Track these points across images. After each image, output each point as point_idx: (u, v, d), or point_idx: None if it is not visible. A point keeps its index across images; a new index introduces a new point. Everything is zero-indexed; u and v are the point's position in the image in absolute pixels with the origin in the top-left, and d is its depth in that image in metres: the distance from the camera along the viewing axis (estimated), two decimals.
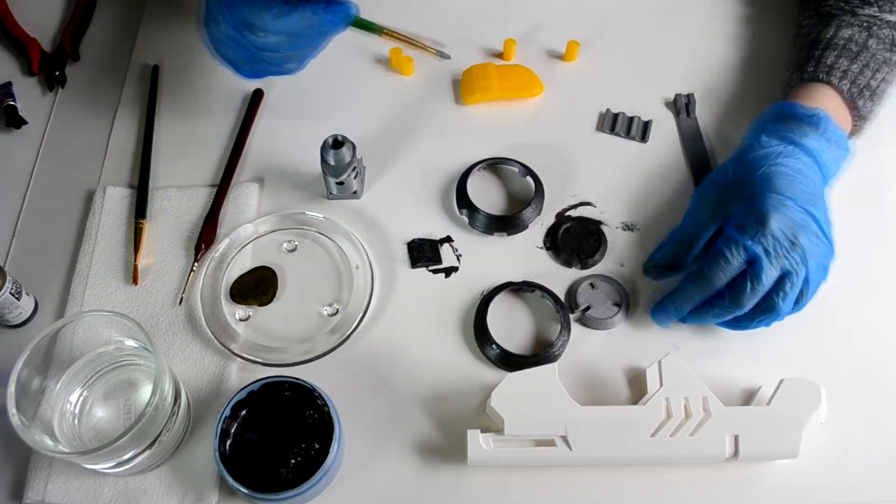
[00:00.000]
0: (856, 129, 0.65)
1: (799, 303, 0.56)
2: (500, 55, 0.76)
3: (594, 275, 0.64)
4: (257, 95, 0.72)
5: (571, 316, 0.62)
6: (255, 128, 0.72)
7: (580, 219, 0.66)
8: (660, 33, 0.77)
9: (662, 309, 0.60)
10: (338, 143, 0.63)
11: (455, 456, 0.56)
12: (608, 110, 0.72)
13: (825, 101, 0.62)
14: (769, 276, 0.54)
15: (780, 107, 0.62)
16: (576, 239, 0.65)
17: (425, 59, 0.72)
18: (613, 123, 0.71)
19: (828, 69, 0.63)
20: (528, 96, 0.73)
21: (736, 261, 0.55)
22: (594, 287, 0.63)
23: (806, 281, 0.55)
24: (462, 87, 0.73)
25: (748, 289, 0.55)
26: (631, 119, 0.71)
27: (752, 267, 0.55)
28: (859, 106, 0.63)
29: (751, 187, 0.58)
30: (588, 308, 0.62)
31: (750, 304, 0.56)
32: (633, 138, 0.71)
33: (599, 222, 0.66)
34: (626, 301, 0.62)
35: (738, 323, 0.58)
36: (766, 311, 0.56)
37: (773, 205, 0.56)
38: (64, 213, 0.67)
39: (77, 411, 0.56)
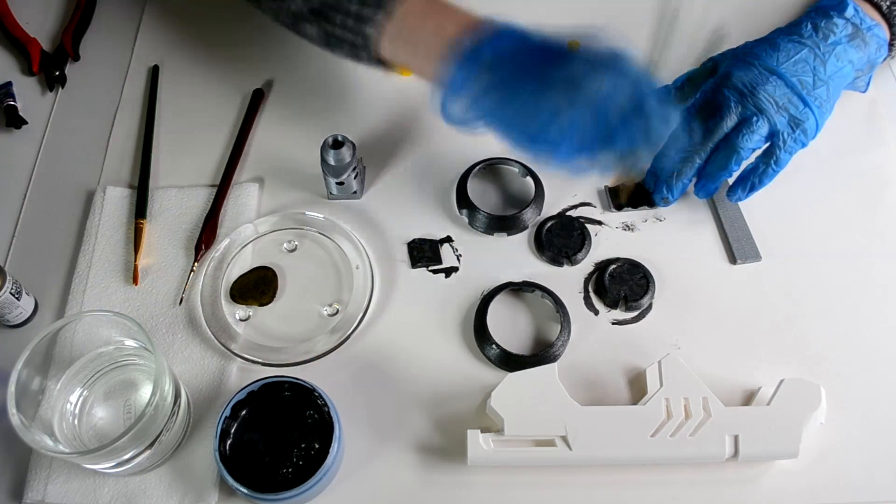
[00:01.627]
0: (892, 47, 0.65)
1: (773, 159, 0.61)
2: None
3: (604, 262, 0.64)
4: (257, 95, 0.72)
5: (627, 314, 0.62)
6: (255, 128, 0.72)
7: (561, 216, 0.66)
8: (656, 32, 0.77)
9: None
10: (338, 143, 0.63)
11: (455, 456, 0.56)
12: None
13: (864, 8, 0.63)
14: (728, 120, 0.61)
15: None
16: (560, 237, 0.65)
17: None
18: None
19: None
20: None
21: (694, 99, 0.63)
22: (613, 276, 0.63)
23: (775, 134, 0.60)
24: None
25: (713, 126, 0.61)
26: None
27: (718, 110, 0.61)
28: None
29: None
30: (627, 297, 0.62)
31: (711, 140, 0.61)
32: None
33: (589, 219, 0.66)
34: (648, 275, 0.63)
35: (710, 176, 0.63)
36: (727, 149, 0.61)
37: (737, 63, 0.62)
38: (64, 213, 0.67)
39: (77, 411, 0.56)
